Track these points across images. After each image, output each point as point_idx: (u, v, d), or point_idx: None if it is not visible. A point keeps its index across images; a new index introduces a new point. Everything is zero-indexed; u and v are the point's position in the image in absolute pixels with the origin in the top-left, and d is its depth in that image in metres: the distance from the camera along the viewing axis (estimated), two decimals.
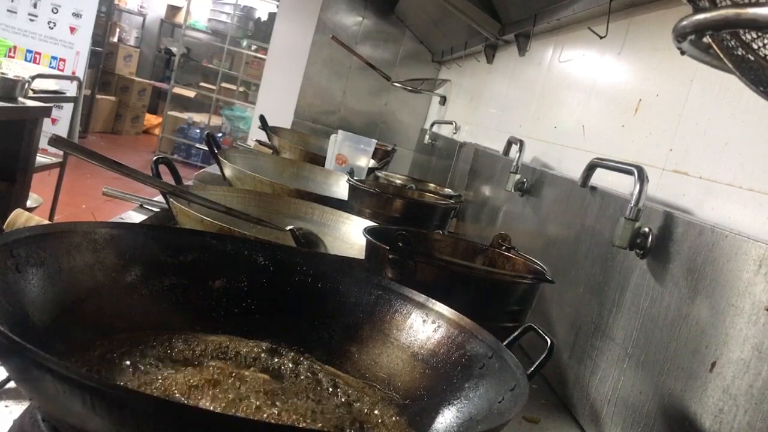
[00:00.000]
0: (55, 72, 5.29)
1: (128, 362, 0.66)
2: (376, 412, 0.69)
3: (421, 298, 0.78)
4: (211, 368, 0.69)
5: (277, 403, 0.65)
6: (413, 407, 0.70)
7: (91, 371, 0.62)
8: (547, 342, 0.66)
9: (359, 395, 0.71)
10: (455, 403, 0.66)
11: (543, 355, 0.65)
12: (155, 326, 0.73)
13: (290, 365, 0.74)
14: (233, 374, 0.68)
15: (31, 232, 0.64)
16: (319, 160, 2.21)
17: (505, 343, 0.68)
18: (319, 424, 0.63)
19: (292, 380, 0.72)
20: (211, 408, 0.61)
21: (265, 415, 0.62)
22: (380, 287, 0.81)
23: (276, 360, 0.74)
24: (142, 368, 0.66)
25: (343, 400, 0.70)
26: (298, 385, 0.71)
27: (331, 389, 0.71)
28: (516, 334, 0.73)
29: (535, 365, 0.64)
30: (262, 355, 0.74)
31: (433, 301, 0.77)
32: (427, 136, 3.11)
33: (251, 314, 0.80)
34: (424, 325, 0.76)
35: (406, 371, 0.74)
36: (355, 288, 0.82)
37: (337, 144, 2.11)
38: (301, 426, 0.62)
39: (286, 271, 0.83)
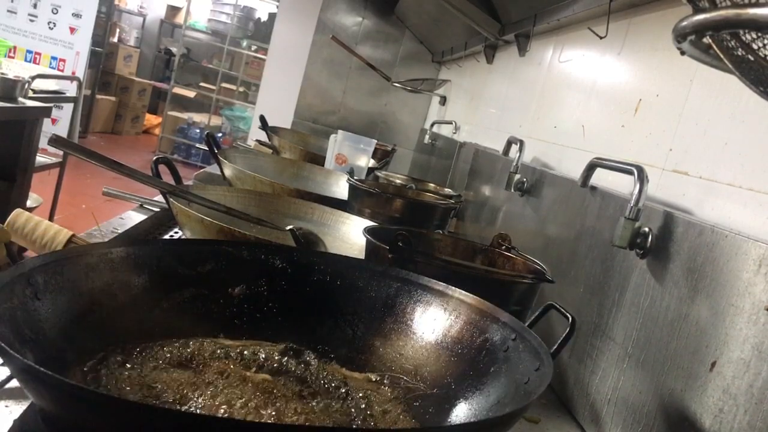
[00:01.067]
0: (55, 72, 5.29)
1: (150, 370, 0.66)
2: (392, 412, 0.69)
3: (440, 286, 0.79)
4: (233, 373, 0.69)
5: (299, 407, 0.64)
6: (441, 395, 0.70)
7: (118, 386, 0.62)
8: (568, 319, 0.67)
9: (378, 395, 0.71)
10: (482, 388, 0.67)
11: (566, 332, 0.66)
12: (180, 337, 0.73)
13: (315, 366, 0.73)
14: (245, 378, 0.68)
15: (46, 259, 0.64)
16: (319, 160, 2.21)
17: (527, 324, 0.69)
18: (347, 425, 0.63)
19: (318, 382, 0.71)
20: (230, 413, 0.61)
21: (269, 418, 0.62)
22: (399, 279, 0.81)
23: (300, 362, 0.73)
24: (166, 380, 0.65)
25: (363, 403, 0.69)
26: (324, 387, 0.70)
27: (359, 393, 0.71)
28: (537, 313, 0.74)
29: (558, 343, 0.65)
30: (286, 358, 0.74)
31: (453, 288, 0.78)
32: (427, 136, 3.11)
33: (273, 317, 0.80)
34: (445, 313, 0.76)
35: (432, 360, 0.74)
36: (374, 282, 0.82)
37: (337, 144, 2.11)
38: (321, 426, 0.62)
39: (304, 272, 0.83)
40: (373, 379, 0.74)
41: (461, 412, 0.66)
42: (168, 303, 0.75)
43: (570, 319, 0.67)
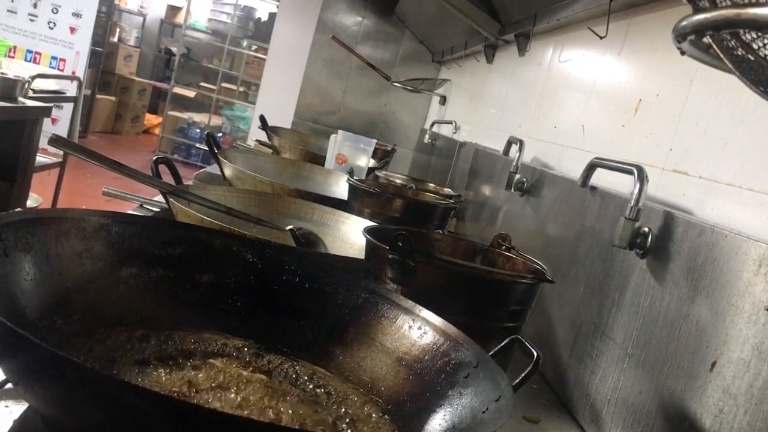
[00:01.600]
0: (55, 72, 5.29)
1: (114, 356, 0.66)
2: (365, 412, 0.69)
3: (408, 303, 0.77)
4: (196, 367, 0.69)
5: (272, 404, 0.65)
6: (395, 412, 0.69)
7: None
8: (533, 355, 0.66)
9: (346, 396, 0.71)
10: (438, 410, 0.65)
11: (529, 368, 0.65)
12: (140, 318, 0.73)
13: (276, 364, 0.74)
14: (226, 373, 0.68)
15: (20, 216, 0.64)
16: (319, 160, 2.21)
17: (491, 354, 0.68)
18: (311, 425, 0.63)
19: (279, 379, 0.71)
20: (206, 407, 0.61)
21: (252, 414, 0.62)
22: (367, 290, 0.80)
23: (263, 358, 0.74)
24: (128, 364, 0.66)
25: (330, 398, 0.70)
26: (284, 384, 0.71)
27: (319, 389, 0.71)
28: (502, 345, 0.72)
29: (520, 377, 0.64)
30: (249, 353, 0.74)
31: (420, 307, 0.76)
32: (427, 136, 3.11)
33: (237, 311, 0.80)
34: (410, 331, 0.75)
35: (390, 376, 0.73)
36: (342, 290, 0.81)
37: (337, 144, 2.11)
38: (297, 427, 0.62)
39: (274, 270, 0.83)
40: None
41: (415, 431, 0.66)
42: (134, 281, 0.75)
43: (535, 355, 0.66)
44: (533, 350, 0.67)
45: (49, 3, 5.52)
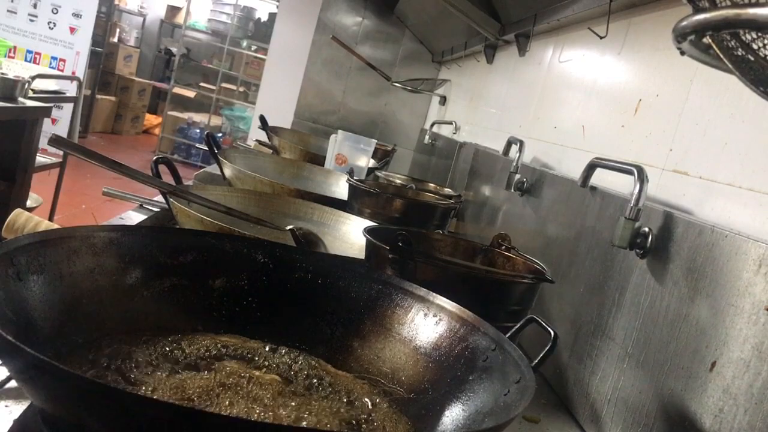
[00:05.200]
0: (55, 72, 5.29)
1: (132, 365, 0.66)
2: (381, 408, 0.69)
3: (421, 291, 0.79)
4: (214, 370, 0.69)
5: (290, 405, 0.65)
6: (419, 401, 0.70)
7: (97, 374, 0.62)
8: (550, 334, 0.67)
9: (360, 393, 0.71)
10: (460, 396, 0.66)
11: (547, 347, 0.65)
12: (157, 327, 0.73)
13: (293, 364, 0.74)
14: (240, 376, 0.68)
15: (30, 239, 0.64)
16: (319, 160, 2.21)
17: (507, 336, 0.69)
18: (328, 425, 0.63)
19: (297, 380, 0.71)
20: (214, 410, 0.61)
21: (267, 418, 0.62)
22: (380, 282, 0.81)
23: (279, 359, 0.74)
24: (146, 371, 0.66)
25: (347, 399, 0.70)
26: (303, 385, 0.71)
27: (334, 388, 0.71)
28: (518, 325, 0.73)
29: (540, 357, 0.64)
30: (265, 354, 0.74)
31: (434, 294, 0.77)
32: (427, 136, 3.11)
33: (252, 313, 0.80)
34: (425, 319, 0.76)
35: (410, 365, 0.74)
36: (355, 283, 0.82)
37: (337, 144, 2.11)
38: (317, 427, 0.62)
39: (286, 269, 0.83)
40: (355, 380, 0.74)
41: (440, 419, 0.66)
42: (148, 292, 0.75)
43: (552, 334, 0.67)
44: (550, 330, 0.67)
45: (49, 3, 5.52)
